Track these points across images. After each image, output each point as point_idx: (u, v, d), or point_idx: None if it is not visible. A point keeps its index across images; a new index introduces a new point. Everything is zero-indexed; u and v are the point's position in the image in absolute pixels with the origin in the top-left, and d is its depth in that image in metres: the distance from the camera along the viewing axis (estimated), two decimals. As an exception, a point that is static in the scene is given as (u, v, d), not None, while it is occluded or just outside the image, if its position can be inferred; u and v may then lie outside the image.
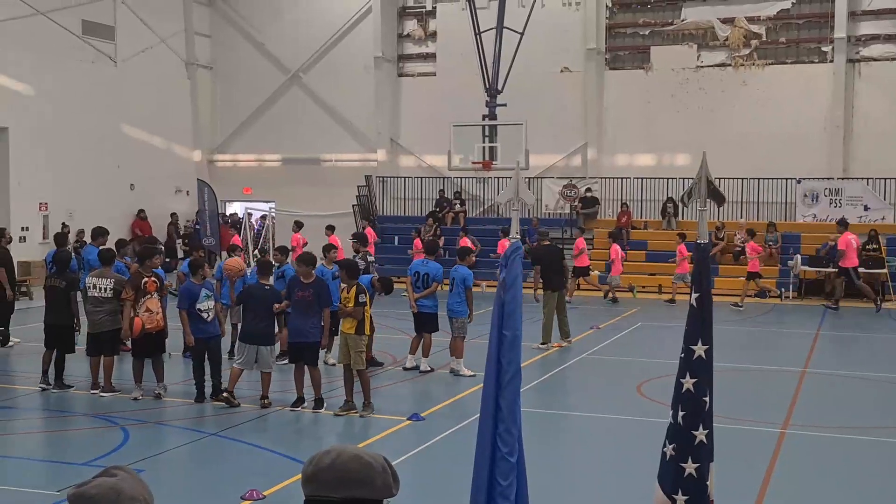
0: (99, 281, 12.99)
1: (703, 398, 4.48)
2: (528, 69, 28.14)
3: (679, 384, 4.52)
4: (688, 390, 4.48)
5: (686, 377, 4.50)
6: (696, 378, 4.48)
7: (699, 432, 4.46)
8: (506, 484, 3.87)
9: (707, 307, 4.54)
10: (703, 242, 4.61)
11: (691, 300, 4.55)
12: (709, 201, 4.89)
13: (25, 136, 26.11)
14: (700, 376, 4.49)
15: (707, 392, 4.49)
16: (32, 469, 9.90)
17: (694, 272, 4.70)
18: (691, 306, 4.54)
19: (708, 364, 4.50)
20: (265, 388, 12.10)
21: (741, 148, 27.88)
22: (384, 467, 2.60)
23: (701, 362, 4.49)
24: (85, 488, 2.47)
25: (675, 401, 4.56)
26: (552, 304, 16.81)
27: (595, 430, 11.79)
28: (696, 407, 4.47)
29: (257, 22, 33.57)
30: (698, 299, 4.55)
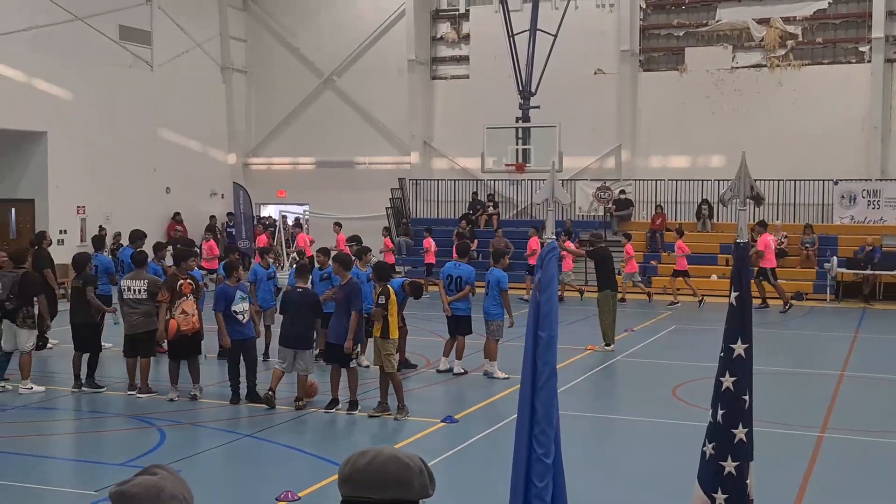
0: (133, 283, 13.12)
1: (743, 397, 4.46)
2: (562, 71, 28.06)
3: (719, 383, 4.51)
4: (727, 389, 4.47)
5: (726, 376, 4.49)
6: (735, 377, 4.47)
7: (739, 431, 4.45)
8: (542, 485, 3.86)
9: (747, 306, 4.52)
10: (742, 241, 4.59)
11: (731, 299, 4.53)
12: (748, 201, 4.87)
13: (64, 140, 26.42)
14: (739, 375, 4.48)
15: (747, 391, 4.48)
16: (71, 469, 10.02)
17: (733, 271, 4.69)
18: (731, 305, 4.53)
19: (747, 363, 4.49)
20: (300, 390, 12.16)
21: (777, 149, 27.61)
22: (421, 468, 2.60)
23: (741, 361, 4.48)
24: (126, 486, 2.49)
25: (714, 399, 4.54)
26: (612, 305, 16.75)
27: (631, 433, 11.72)
28: (735, 405, 4.46)
29: (292, 26, 33.77)
30: (738, 298, 4.53)
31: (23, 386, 13.05)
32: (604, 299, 16.73)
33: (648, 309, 23.44)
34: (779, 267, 26.17)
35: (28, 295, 13.07)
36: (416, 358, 15.32)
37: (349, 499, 2.58)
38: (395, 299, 12.03)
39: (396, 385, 11.80)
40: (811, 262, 26.07)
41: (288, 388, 12.45)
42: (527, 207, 31.20)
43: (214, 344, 14.36)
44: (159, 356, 14.10)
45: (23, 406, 12.46)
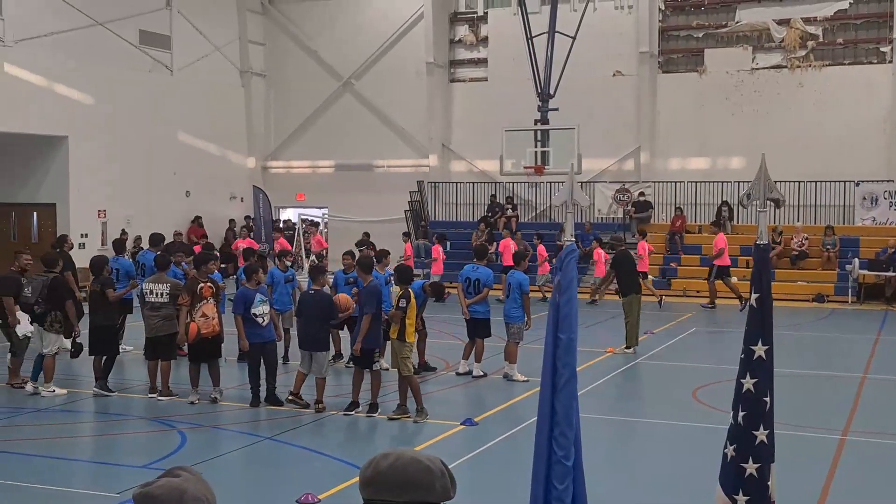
0: (155, 286, 13.19)
1: (764, 398, 4.45)
2: (581, 73, 28.02)
3: (739, 384, 4.50)
4: (748, 390, 4.46)
5: (746, 377, 4.48)
6: (756, 378, 4.46)
7: (760, 432, 4.43)
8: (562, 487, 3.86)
9: (767, 308, 4.50)
10: (762, 243, 4.57)
11: (751, 301, 4.52)
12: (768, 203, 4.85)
13: (85, 144, 26.61)
14: (760, 376, 4.47)
15: (768, 392, 4.46)
16: (93, 471, 10.08)
17: (754, 273, 4.68)
18: (751, 307, 4.51)
19: (768, 364, 4.48)
20: (319, 393, 12.19)
21: (798, 151, 27.46)
22: (442, 471, 2.60)
23: (761, 363, 4.47)
24: (150, 488, 2.51)
25: (735, 401, 4.53)
26: (637, 308, 16.71)
27: (651, 436, 11.68)
28: (756, 407, 4.44)
29: (310, 30, 33.87)
30: (758, 300, 4.52)
31: (45, 388, 13.14)
32: (629, 302, 16.67)
33: (667, 311, 23.34)
34: (800, 269, 26.10)
35: (57, 299, 13.15)
36: (436, 361, 15.33)
37: (371, 501, 2.59)
38: (414, 303, 12.04)
39: (414, 388, 11.80)
40: (832, 264, 25.90)
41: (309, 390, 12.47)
42: (546, 210, 31.15)
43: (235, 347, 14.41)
44: (180, 359, 14.15)
45: (45, 409, 12.55)
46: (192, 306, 12.56)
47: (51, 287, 13.12)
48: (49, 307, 13.12)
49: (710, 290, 23.91)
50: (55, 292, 13.13)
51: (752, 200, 4.91)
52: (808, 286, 25.58)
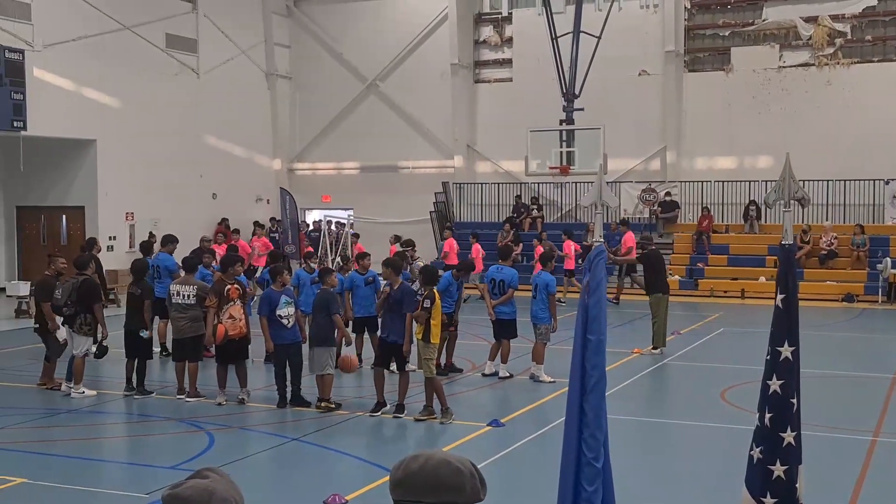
0: (182, 288, 13.26)
1: (791, 400, 4.41)
2: (606, 73, 27.92)
3: (765, 386, 4.46)
4: (774, 392, 4.41)
5: (772, 379, 4.43)
6: (783, 380, 4.41)
7: (787, 434, 4.39)
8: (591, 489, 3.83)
9: (793, 309, 4.46)
10: (788, 244, 4.53)
11: (777, 301, 4.47)
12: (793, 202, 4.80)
13: (112, 147, 26.82)
14: (787, 378, 4.42)
15: (795, 394, 4.42)
16: (123, 472, 10.15)
17: (779, 273, 4.63)
18: (777, 307, 4.47)
19: (795, 366, 4.44)
20: (321, 391, 12.26)
21: (826, 149, 27.23)
22: (472, 472, 2.60)
23: (787, 364, 4.43)
24: (179, 490, 2.51)
25: (761, 403, 4.49)
26: (664, 308, 16.62)
27: (679, 437, 11.61)
28: (783, 409, 4.40)
29: (335, 32, 33.97)
30: (784, 301, 4.47)
31: (75, 390, 13.25)
32: (657, 302, 16.58)
33: (694, 311, 23.21)
34: (829, 268, 25.87)
35: (86, 302, 13.24)
36: (462, 362, 15.31)
37: (401, 503, 2.59)
38: (439, 304, 12.04)
39: (437, 389, 11.78)
40: (862, 264, 25.66)
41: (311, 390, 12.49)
42: (571, 210, 31.07)
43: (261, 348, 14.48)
44: (207, 361, 14.23)
45: (75, 410, 12.65)
46: (219, 308, 12.62)
47: (80, 289, 13.21)
48: (78, 309, 13.21)
49: (617, 286, 24.36)
50: (85, 294, 13.21)
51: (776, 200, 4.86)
52: (837, 286, 25.35)
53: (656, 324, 16.61)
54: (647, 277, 17.13)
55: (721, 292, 26.19)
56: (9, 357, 16.99)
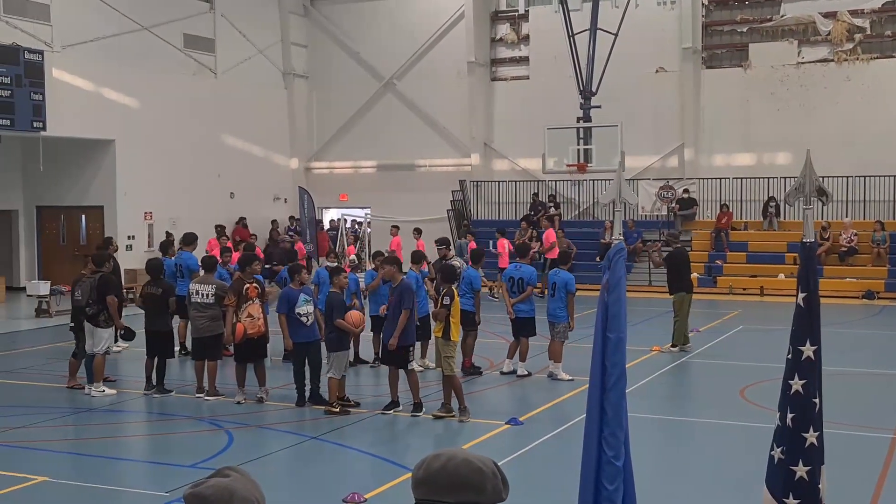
0: (201, 287, 13.31)
1: (813, 400, 4.36)
2: (623, 70, 27.82)
3: (787, 386, 4.41)
4: (796, 392, 4.37)
5: (794, 378, 4.39)
6: (804, 379, 4.37)
7: (809, 434, 4.34)
8: (612, 488, 3.82)
9: (814, 307, 4.41)
10: (809, 241, 4.48)
11: (798, 300, 4.43)
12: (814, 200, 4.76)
13: (131, 147, 26.95)
14: (809, 378, 4.37)
15: (816, 393, 4.37)
16: (142, 470, 10.20)
17: (800, 272, 4.59)
18: (798, 306, 4.42)
19: (817, 365, 4.39)
20: (330, 395, 12.17)
21: (846, 145, 27.04)
22: (494, 472, 2.60)
23: (809, 363, 4.38)
24: (200, 488, 2.53)
25: (782, 403, 4.45)
26: (687, 306, 16.54)
27: (698, 435, 11.56)
28: (805, 409, 4.35)
29: (352, 31, 34.00)
30: (805, 299, 4.43)
31: (95, 388, 13.33)
32: (680, 300, 16.48)
33: (713, 309, 23.11)
34: (849, 265, 25.71)
35: (102, 295, 13.33)
36: (480, 360, 15.29)
37: (422, 501, 2.60)
38: (458, 301, 12.03)
39: (456, 388, 11.78)
40: (883, 261, 25.48)
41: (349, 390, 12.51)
42: (589, 208, 30.99)
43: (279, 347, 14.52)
44: (226, 359, 14.27)
45: (95, 408, 12.72)
46: (237, 307, 12.66)
47: (98, 286, 13.31)
48: (101, 308, 13.31)
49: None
50: (101, 290, 13.30)
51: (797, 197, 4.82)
52: (857, 283, 25.19)
53: (678, 322, 16.55)
54: (671, 276, 16.99)
55: (740, 290, 26.07)
56: (30, 356, 17.12)
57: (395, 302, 12.09)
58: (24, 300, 23.96)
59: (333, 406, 12.05)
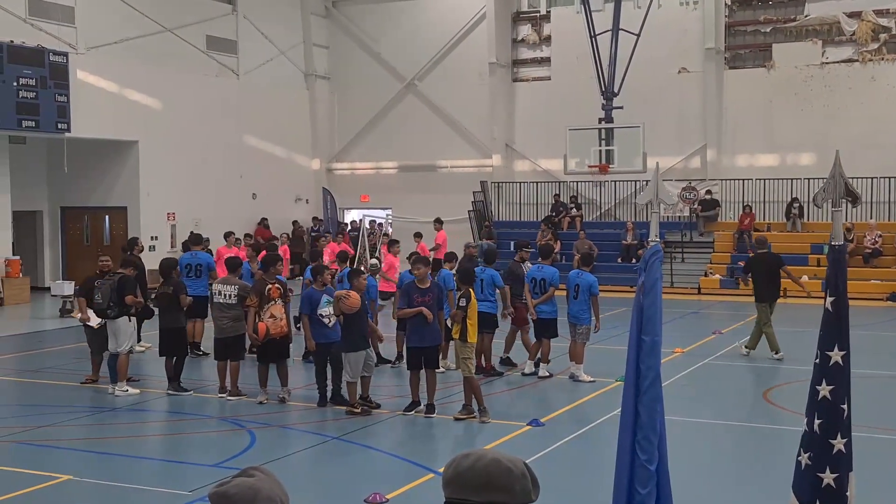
0: (224, 287, 13.36)
1: (841, 406, 4.28)
2: (645, 71, 27.73)
3: (814, 391, 4.34)
4: (824, 398, 4.30)
5: (822, 384, 4.31)
6: (832, 385, 4.29)
7: (837, 441, 4.27)
8: (645, 492, 3.79)
9: (843, 312, 4.34)
10: (839, 244, 4.41)
11: (826, 304, 4.35)
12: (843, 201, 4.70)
13: (154, 148, 27.12)
14: (837, 383, 4.30)
15: (845, 399, 4.29)
16: (166, 469, 10.25)
17: (829, 275, 4.51)
18: (826, 311, 4.35)
19: (845, 370, 4.31)
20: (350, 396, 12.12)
21: (870, 146, 26.81)
22: (524, 472, 2.59)
23: (838, 369, 4.31)
24: (225, 488, 2.54)
25: (810, 408, 4.38)
26: (767, 315, 15.91)
27: (723, 437, 11.49)
28: (833, 415, 4.28)
29: (373, 32, 34.07)
30: (834, 303, 4.36)
31: (119, 388, 13.40)
32: (763, 308, 16.00)
33: (736, 311, 22.96)
34: (874, 267, 25.46)
35: (122, 296, 13.41)
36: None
37: (451, 500, 2.60)
38: (475, 303, 12.00)
39: (475, 389, 11.75)
40: (908, 263, 25.24)
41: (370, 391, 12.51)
42: (610, 209, 30.90)
43: (299, 347, 14.57)
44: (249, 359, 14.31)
45: (119, 408, 12.80)
46: (260, 307, 12.70)
47: (118, 287, 13.39)
48: (121, 310, 13.37)
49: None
50: (121, 291, 13.38)
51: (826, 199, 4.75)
52: (882, 284, 24.98)
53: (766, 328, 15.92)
54: (756, 282, 16.18)
55: (763, 291, 25.86)
56: (54, 356, 17.25)
57: (431, 304, 12.00)
58: (49, 300, 24.15)
59: (355, 406, 12.03)
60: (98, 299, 13.48)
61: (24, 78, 23.14)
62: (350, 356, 11.95)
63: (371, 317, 13.31)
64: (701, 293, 26.39)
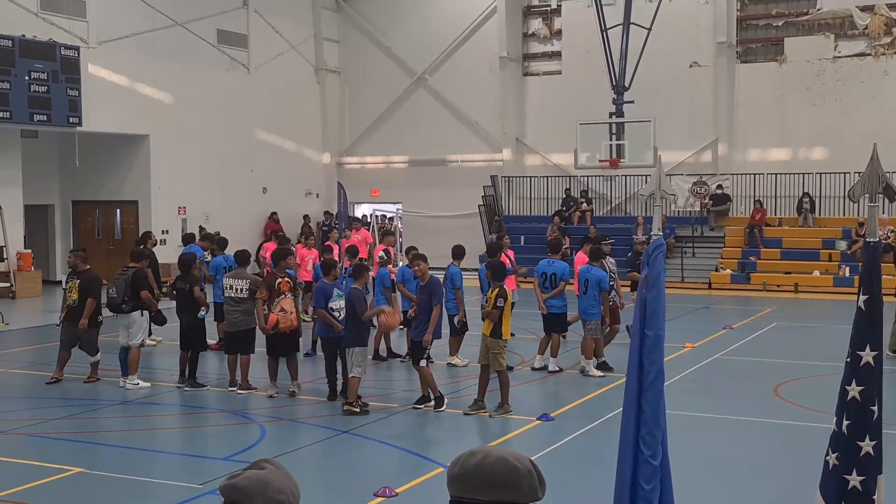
0: (235, 282, 13.38)
1: (871, 407, 4.19)
2: (656, 65, 27.64)
3: (844, 391, 4.25)
4: (853, 398, 4.20)
5: (852, 384, 4.21)
6: (862, 386, 4.19)
7: (865, 443, 4.17)
8: (649, 488, 3.77)
9: (877, 311, 4.24)
10: (874, 241, 4.31)
11: (859, 303, 4.26)
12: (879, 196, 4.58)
13: (165, 142, 27.18)
14: (867, 384, 4.20)
15: (875, 401, 4.20)
16: (176, 463, 10.28)
17: (863, 273, 4.40)
18: (859, 309, 4.25)
19: (877, 371, 4.21)
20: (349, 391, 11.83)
21: (883, 141, 26.08)
22: (530, 471, 2.56)
23: (869, 369, 4.20)
24: (236, 480, 2.54)
25: (839, 408, 4.28)
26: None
27: (734, 433, 11.45)
28: (862, 416, 4.18)
29: (384, 26, 34.04)
30: (867, 302, 4.25)
31: (130, 381, 13.45)
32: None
33: (747, 306, 22.92)
34: (885, 262, 25.32)
35: (138, 292, 13.47)
36: (511, 357, 15.23)
37: (457, 499, 2.57)
38: (511, 302, 11.94)
39: (504, 383, 11.73)
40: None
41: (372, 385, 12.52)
42: (621, 203, 30.84)
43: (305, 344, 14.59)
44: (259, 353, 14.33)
45: (129, 401, 12.84)
46: (270, 301, 12.72)
47: (132, 281, 13.43)
48: (134, 305, 13.42)
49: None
50: (135, 285, 13.43)
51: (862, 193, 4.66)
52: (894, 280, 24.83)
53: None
54: None
55: (774, 286, 25.83)
56: (65, 349, 17.28)
57: (426, 299, 12.08)
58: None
59: (354, 406, 11.73)
60: (112, 293, 13.54)
61: (36, 72, 23.20)
62: (356, 350, 11.93)
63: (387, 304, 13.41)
64: (711, 288, 26.32)
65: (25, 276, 24.73)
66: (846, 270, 25.20)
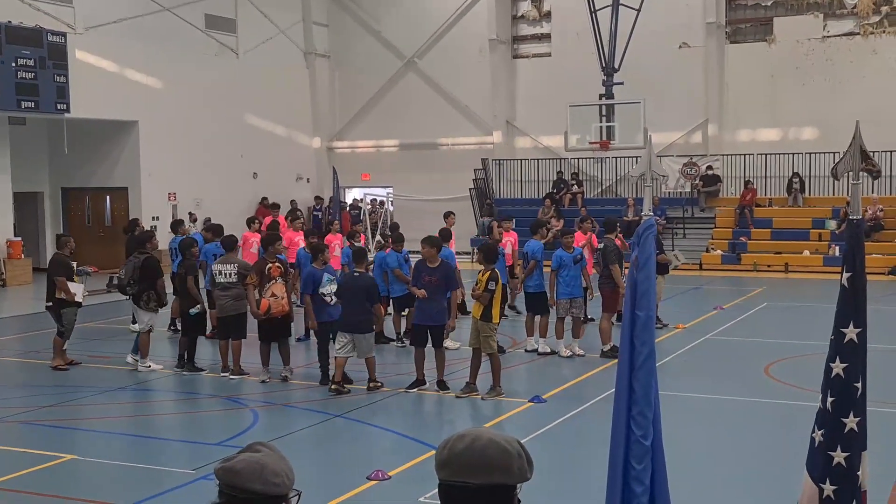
0: (224, 267, 13.37)
1: (855, 384, 4.22)
2: (646, 46, 27.58)
3: (828, 368, 4.28)
4: (837, 375, 4.24)
5: (836, 361, 4.25)
6: (846, 363, 4.22)
7: (849, 420, 4.21)
8: (640, 467, 3.78)
9: (860, 288, 4.26)
10: (857, 218, 4.33)
11: (842, 280, 4.28)
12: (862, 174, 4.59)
13: (154, 128, 27.08)
14: (851, 361, 4.23)
15: (859, 378, 4.23)
16: (169, 448, 10.29)
17: (846, 250, 4.43)
18: (843, 287, 4.28)
19: (861, 348, 4.23)
20: (371, 371, 12.13)
21: (872, 120, 26.48)
22: (520, 452, 2.57)
23: (853, 346, 4.24)
24: (231, 463, 2.56)
25: (824, 386, 4.32)
26: None
27: (724, 412, 11.51)
28: (846, 393, 4.22)
29: (373, 10, 33.91)
30: (850, 279, 4.27)
31: (141, 364, 13.53)
32: None
33: (737, 286, 23.00)
34: (874, 241, 25.46)
35: (150, 278, 13.58)
36: (503, 339, 15.28)
37: (447, 483, 2.56)
38: (502, 285, 11.95)
39: (496, 366, 11.75)
40: (909, 237, 25.22)
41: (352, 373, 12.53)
42: (612, 185, 30.86)
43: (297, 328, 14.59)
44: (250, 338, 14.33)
45: (122, 387, 12.84)
46: (261, 286, 12.72)
47: (143, 267, 13.52)
48: (143, 287, 13.49)
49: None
50: (149, 272, 13.55)
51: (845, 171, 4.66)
52: (883, 259, 24.98)
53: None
54: None
55: (764, 266, 25.93)
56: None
57: (438, 283, 12.00)
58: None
59: (378, 382, 12.12)
60: (121, 275, 13.68)
61: (23, 59, 23.07)
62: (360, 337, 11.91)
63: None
64: (702, 269, 26.40)
65: (15, 264, 24.67)
66: (836, 250, 25.27)
